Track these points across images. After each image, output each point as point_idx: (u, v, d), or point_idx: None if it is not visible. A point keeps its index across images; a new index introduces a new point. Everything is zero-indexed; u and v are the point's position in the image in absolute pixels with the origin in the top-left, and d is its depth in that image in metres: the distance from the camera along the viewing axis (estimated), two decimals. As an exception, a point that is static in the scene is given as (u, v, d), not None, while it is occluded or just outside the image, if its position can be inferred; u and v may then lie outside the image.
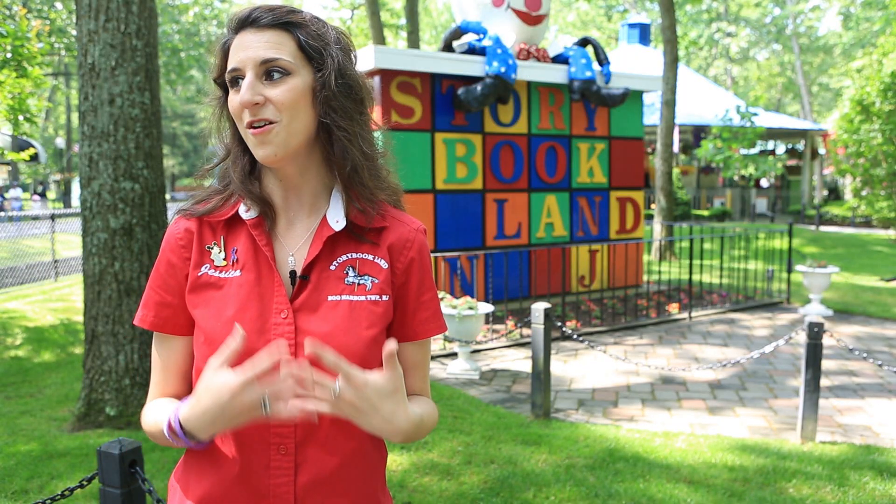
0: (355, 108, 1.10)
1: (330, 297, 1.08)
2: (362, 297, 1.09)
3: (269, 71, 1.04)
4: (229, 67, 1.06)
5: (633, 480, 3.57)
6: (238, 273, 1.09)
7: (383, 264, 1.13)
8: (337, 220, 1.11)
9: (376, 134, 1.18)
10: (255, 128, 1.04)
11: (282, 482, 1.06)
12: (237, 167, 1.13)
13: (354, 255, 1.12)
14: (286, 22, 1.06)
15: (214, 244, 1.11)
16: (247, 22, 1.07)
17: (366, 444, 1.12)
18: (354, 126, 1.10)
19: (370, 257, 1.12)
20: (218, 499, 1.09)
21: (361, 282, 1.11)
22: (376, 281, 1.11)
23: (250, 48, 1.04)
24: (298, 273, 1.09)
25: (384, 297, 1.11)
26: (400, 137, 7.43)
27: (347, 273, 1.11)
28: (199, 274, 1.10)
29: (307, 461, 1.07)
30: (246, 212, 1.11)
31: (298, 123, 1.05)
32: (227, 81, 1.08)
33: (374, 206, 1.13)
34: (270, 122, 1.03)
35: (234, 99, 1.05)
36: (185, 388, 1.15)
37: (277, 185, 1.13)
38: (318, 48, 1.06)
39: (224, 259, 1.10)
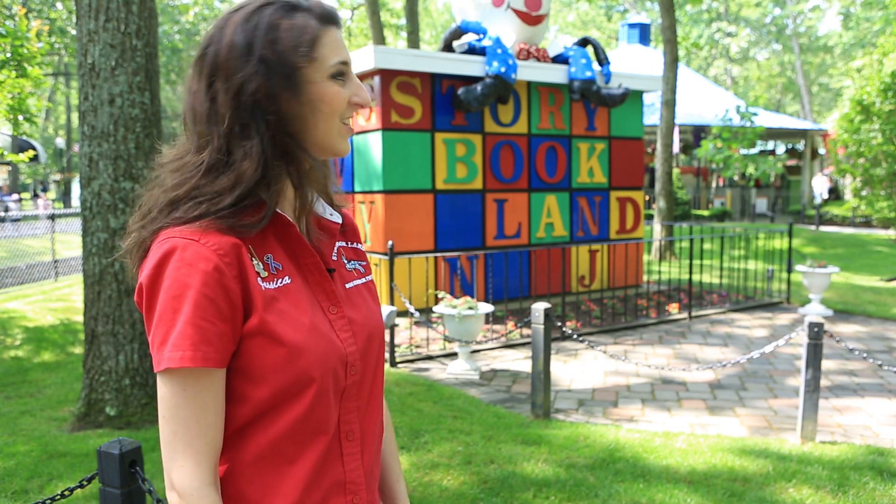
0: None
1: (347, 286, 1.14)
2: (363, 280, 1.18)
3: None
4: (339, 59, 1.03)
5: (633, 480, 3.57)
6: (289, 280, 1.04)
7: (360, 248, 1.23)
8: (331, 213, 1.15)
9: None
10: (349, 124, 1.07)
11: (354, 467, 1.09)
12: (284, 170, 1.03)
13: (340, 244, 1.18)
14: None
15: (252, 255, 1.01)
16: (338, 22, 1.07)
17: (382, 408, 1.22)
18: None
19: (346, 244, 1.20)
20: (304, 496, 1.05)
21: (355, 266, 1.18)
22: (364, 263, 1.21)
23: (345, 48, 1.06)
24: (326, 268, 1.12)
25: (371, 277, 1.22)
26: (400, 137, 7.43)
27: (344, 261, 1.17)
28: (263, 288, 1.00)
29: (366, 441, 1.11)
30: (283, 211, 1.07)
31: None
32: (331, 73, 1.02)
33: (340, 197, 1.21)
34: None
35: (344, 92, 1.04)
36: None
37: (297, 182, 1.10)
38: None
39: (264, 269, 1.02)
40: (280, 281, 1.03)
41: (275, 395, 1.00)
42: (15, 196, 24.93)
